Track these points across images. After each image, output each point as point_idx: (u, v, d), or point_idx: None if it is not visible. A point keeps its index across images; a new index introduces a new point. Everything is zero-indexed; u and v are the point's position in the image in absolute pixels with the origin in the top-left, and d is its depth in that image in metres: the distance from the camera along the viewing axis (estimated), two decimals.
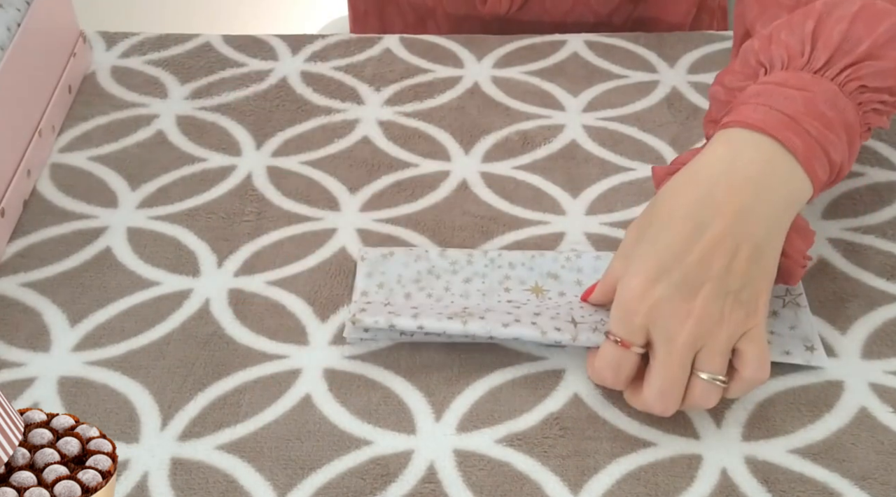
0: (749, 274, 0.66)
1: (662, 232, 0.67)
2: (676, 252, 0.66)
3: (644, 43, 1.01)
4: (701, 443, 0.68)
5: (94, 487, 0.54)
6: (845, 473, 0.66)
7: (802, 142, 0.68)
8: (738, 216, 0.66)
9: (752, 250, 0.66)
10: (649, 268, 0.66)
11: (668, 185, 0.70)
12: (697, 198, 0.67)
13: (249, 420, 0.70)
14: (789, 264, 0.71)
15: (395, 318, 0.72)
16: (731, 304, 0.66)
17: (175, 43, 1.03)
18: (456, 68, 0.99)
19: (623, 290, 0.67)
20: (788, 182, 0.68)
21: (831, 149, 0.69)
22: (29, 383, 0.73)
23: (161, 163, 0.90)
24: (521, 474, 0.67)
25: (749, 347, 0.67)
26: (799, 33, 0.72)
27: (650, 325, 0.66)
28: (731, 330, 0.66)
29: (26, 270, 0.81)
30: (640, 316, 0.66)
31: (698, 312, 0.65)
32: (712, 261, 0.66)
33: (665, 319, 0.66)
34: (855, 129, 0.70)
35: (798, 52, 0.71)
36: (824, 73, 0.70)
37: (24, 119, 0.86)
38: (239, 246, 0.82)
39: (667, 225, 0.67)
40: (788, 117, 0.69)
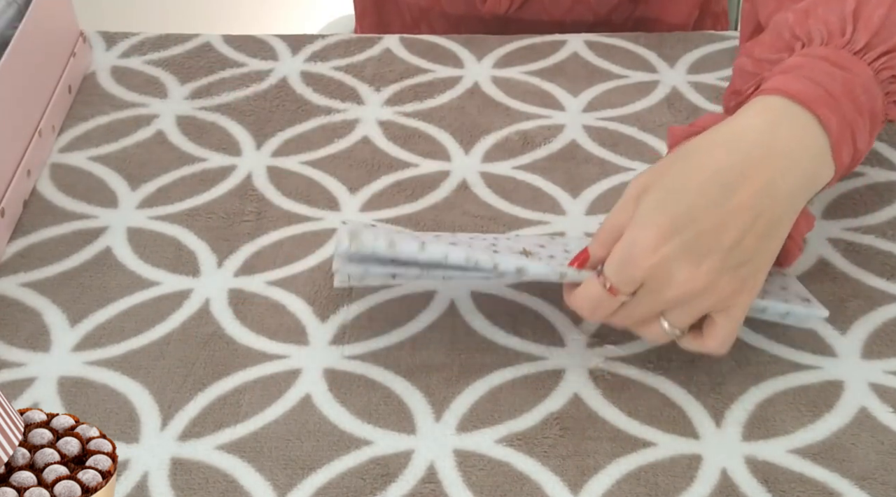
0: (756, 250, 0.66)
1: (685, 190, 0.65)
2: (695, 214, 0.64)
3: (644, 43, 1.01)
4: (701, 443, 0.68)
5: (94, 487, 0.54)
6: (845, 473, 0.66)
7: (837, 122, 0.67)
8: (765, 189, 0.65)
9: (766, 226, 0.65)
10: (664, 223, 0.64)
11: (696, 144, 0.67)
12: (730, 163, 0.65)
13: (249, 420, 0.70)
14: (790, 245, 0.71)
15: (396, 236, 0.69)
16: (730, 278, 0.65)
17: (175, 43, 1.03)
18: (456, 68, 0.99)
19: (632, 239, 0.65)
20: (816, 162, 0.67)
21: (859, 135, 0.68)
22: (29, 383, 0.73)
23: (161, 163, 0.90)
24: (521, 474, 0.67)
25: (724, 322, 0.66)
26: (839, 11, 0.70)
27: (648, 279, 0.65)
28: (718, 300, 0.65)
29: (26, 270, 0.81)
30: (643, 270, 0.64)
31: (699, 282, 0.64)
32: (727, 231, 0.64)
33: (665, 279, 0.65)
34: (878, 118, 0.70)
35: (839, 30, 0.70)
36: (863, 56, 0.69)
37: (24, 119, 0.86)
38: (239, 246, 0.82)
39: (691, 183, 0.65)
40: (829, 94, 0.67)
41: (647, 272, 0.64)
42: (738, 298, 0.66)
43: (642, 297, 0.66)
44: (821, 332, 0.75)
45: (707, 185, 0.65)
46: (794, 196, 0.67)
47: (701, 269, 0.64)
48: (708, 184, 0.65)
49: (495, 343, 0.75)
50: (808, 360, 0.73)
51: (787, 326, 0.75)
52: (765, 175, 0.65)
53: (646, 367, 0.73)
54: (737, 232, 0.65)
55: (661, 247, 0.64)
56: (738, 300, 0.66)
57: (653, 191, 0.66)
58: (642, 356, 0.74)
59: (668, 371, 0.73)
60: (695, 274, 0.64)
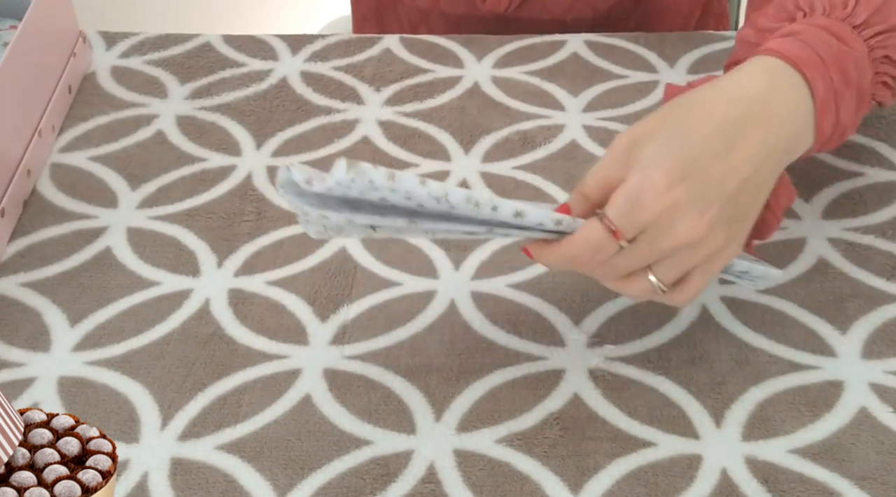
0: (747, 206, 0.66)
1: (690, 138, 0.65)
2: (702, 163, 0.64)
3: (644, 43, 1.01)
4: (701, 443, 0.68)
5: (94, 487, 0.54)
6: (845, 473, 0.66)
7: (824, 87, 0.68)
8: (761, 147, 0.66)
9: (758, 184, 0.66)
10: (674, 167, 0.63)
11: (696, 95, 0.67)
12: (732, 117, 0.66)
13: (249, 420, 0.70)
14: (769, 217, 0.71)
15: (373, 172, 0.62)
16: (722, 231, 0.65)
17: (175, 43, 1.03)
18: (456, 68, 0.99)
19: (641, 182, 0.63)
20: (799, 127, 0.68)
21: (843, 106, 0.69)
22: (29, 383, 0.73)
23: (161, 163, 0.90)
24: (521, 474, 0.67)
25: (700, 277, 0.66)
26: None
27: (652, 224, 0.63)
28: (708, 253, 0.65)
29: (26, 270, 0.81)
30: (651, 213, 0.63)
31: (699, 231, 0.64)
32: (729, 182, 0.65)
33: (669, 225, 0.64)
34: (865, 97, 0.70)
35: (841, 3, 0.71)
36: (861, 32, 0.70)
37: (24, 119, 0.86)
38: (239, 246, 0.82)
39: (695, 133, 0.65)
40: (820, 59, 0.68)
41: (655, 215, 0.63)
42: (724, 252, 0.66)
43: (641, 244, 0.64)
44: (821, 332, 0.75)
45: (712, 135, 0.65)
46: (780, 158, 0.68)
47: (704, 218, 0.64)
48: (712, 134, 0.65)
49: (495, 343, 0.75)
50: (808, 360, 0.73)
51: (787, 326, 0.75)
52: (761, 133, 0.66)
53: (646, 367, 0.73)
54: (736, 184, 0.65)
55: (671, 190, 0.63)
56: (722, 255, 0.66)
57: (655, 138, 0.65)
58: (642, 356, 0.74)
59: (668, 371, 0.73)
60: (698, 222, 0.64)
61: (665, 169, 0.63)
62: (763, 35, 0.74)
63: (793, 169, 0.87)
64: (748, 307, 0.77)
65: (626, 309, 0.77)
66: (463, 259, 0.81)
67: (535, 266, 0.80)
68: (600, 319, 0.76)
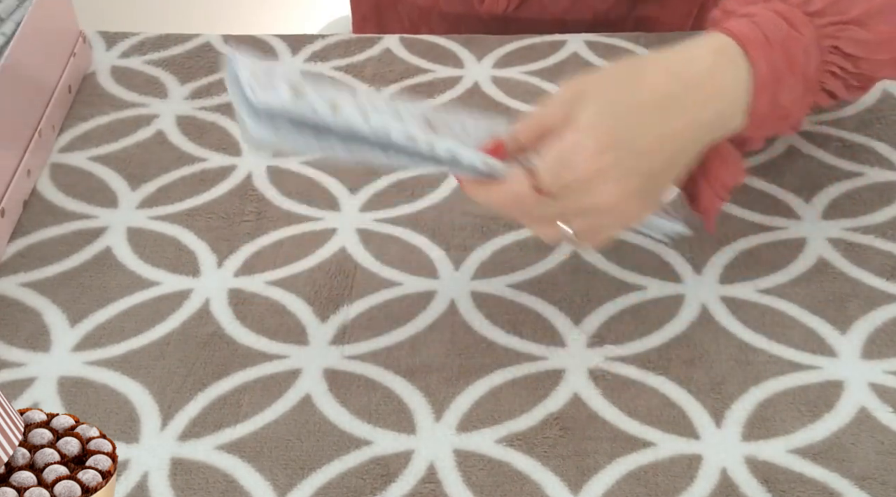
0: (664, 180, 0.69)
1: (627, 108, 0.67)
2: (634, 134, 0.67)
3: (644, 43, 1.01)
4: (701, 443, 0.68)
5: (94, 487, 0.54)
6: (845, 473, 0.66)
7: (766, 67, 0.70)
8: (692, 125, 0.68)
9: (678, 161, 0.69)
10: (606, 135, 0.66)
11: (642, 63, 0.71)
12: (671, 93, 0.68)
13: (249, 420, 0.70)
14: (710, 195, 0.73)
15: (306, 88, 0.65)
16: (639, 201, 0.68)
17: (175, 43, 1.03)
18: (456, 68, 0.99)
19: (573, 144, 0.66)
20: (734, 106, 0.70)
21: (784, 90, 0.71)
22: (29, 383, 0.73)
23: (161, 163, 0.90)
24: (521, 474, 0.67)
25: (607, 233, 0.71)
26: None
27: (577, 183, 0.66)
28: (622, 219, 0.69)
29: (26, 270, 0.81)
30: (577, 176, 0.66)
31: (616, 198, 0.67)
32: (655, 157, 0.68)
33: (591, 188, 0.67)
34: (812, 84, 0.72)
35: None
36: (813, 20, 0.72)
37: (24, 119, 0.86)
38: (239, 246, 0.82)
39: (633, 101, 0.67)
40: (766, 39, 0.70)
41: (580, 178, 0.66)
42: (634, 219, 0.71)
43: (561, 198, 0.67)
44: (821, 332, 0.75)
45: (648, 107, 0.67)
46: (705, 137, 0.70)
47: (622, 187, 0.67)
48: (649, 106, 0.67)
49: (495, 343, 0.75)
50: (808, 360, 0.73)
51: (787, 326, 0.75)
52: (694, 112, 0.68)
53: (646, 367, 0.73)
54: (662, 161, 0.68)
55: (600, 155, 0.66)
56: (632, 220, 0.71)
57: (594, 99, 0.67)
58: (642, 356, 0.74)
59: (668, 371, 0.73)
60: (616, 190, 0.67)
61: (598, 134, 0.66)
62: (727, 16, 0.75)
63: (793, 169, 0.87)
64: (748, 307, 0.77)
65: (626, 309, 0.77)
66: (463, 259, 0.81)
67: (535, 266, 0.80)
68: (600, 319, 0.76)
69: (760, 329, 0.75)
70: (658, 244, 0.81)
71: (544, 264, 0.80)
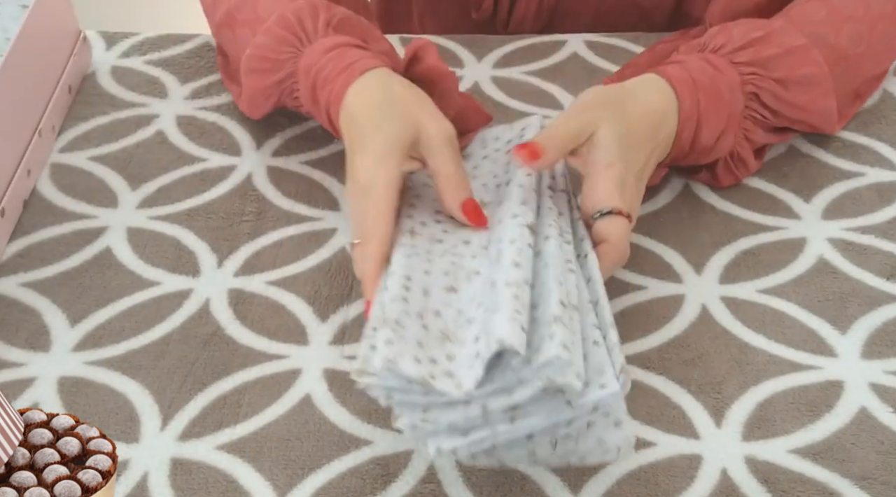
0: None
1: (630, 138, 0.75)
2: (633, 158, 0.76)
3: (644, 43, 1.01)
4: (701, 443, 0.68)
5: (94, 487, 0.54)
6: (845, 473, 0.66)
7: (689, 106, 0.79)
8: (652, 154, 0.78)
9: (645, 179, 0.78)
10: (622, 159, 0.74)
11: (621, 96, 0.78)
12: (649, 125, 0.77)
13: (249, 420, 0.70)
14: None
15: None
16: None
17: (175, 43, 1.03)
18: (456, 68, 0.99)
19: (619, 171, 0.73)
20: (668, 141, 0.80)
21: (704, 127, 0.80)
22: (29, 383, 0.73)
23: (161, 163, 0.90)
24: (521, 474, 0.67)
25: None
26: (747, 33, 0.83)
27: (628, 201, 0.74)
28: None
29: (26, 270, 0.81)
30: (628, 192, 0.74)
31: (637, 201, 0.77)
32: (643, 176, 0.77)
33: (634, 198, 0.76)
34: (734, 121, 0.81)
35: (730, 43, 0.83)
36: (737, 67, 0.82)
37: (24, 119, 0.86)
38: (239, 246, 0.82)
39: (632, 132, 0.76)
40: (692, 80, 0.80)
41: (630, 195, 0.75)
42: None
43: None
44: (821, 332, 0.75)
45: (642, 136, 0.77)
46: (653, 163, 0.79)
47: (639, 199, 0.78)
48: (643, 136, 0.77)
49: None
50: (808, 360, 0.73)
51: (787, 326, 0.75)
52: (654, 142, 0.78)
53: (646, 367, 0.73)
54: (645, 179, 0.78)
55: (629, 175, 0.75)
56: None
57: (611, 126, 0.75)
58: (642, 356, 0.74)
59: (668, 371, 0.73)
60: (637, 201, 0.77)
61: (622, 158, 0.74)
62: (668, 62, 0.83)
63: (793, 169, 0.87)
64: (748, 307, 0.77)
65: (626, 309, 0.77)
66: None
67: None
68: None
69: (760, 329, 0.75)
70: (658, 244, 0.81)
71: None
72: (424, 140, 0.75)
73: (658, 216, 0.83)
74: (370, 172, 0.74)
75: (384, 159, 0.74)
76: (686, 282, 0.79)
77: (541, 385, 0.59)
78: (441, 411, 0.61)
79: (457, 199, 0.74)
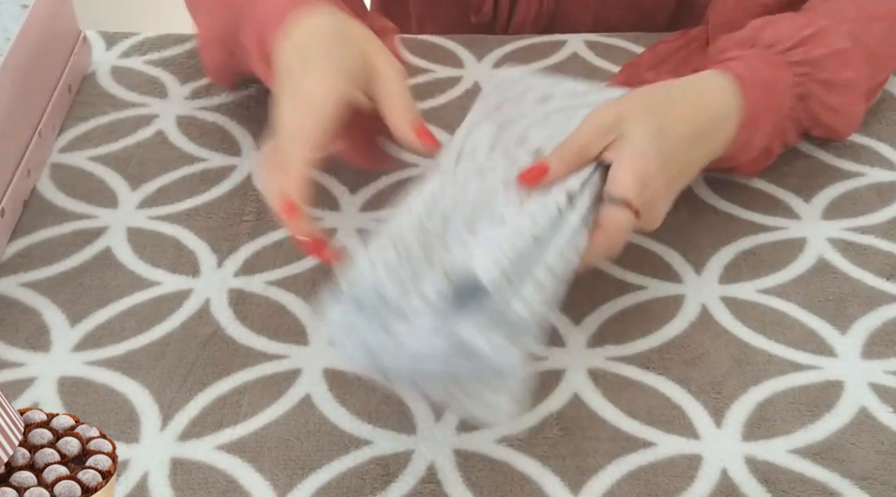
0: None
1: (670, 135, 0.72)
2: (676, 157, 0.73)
3: (644, 43, 1.01)
4: (701, 443, 0.68)
5: (94, 487, 0.54)
6: (845, 473, 0.66)
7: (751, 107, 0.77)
8: (708, 155, 0.76)
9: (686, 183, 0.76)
10: (660, 155, 0.71)
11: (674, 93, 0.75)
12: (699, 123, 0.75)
13: (249, 420, 0.70)
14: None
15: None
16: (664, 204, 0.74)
17: (175, 43, 1.03)
18: (456, 68, 0.99)
19: (643, 167, 0.70)
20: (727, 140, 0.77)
21: (759, 129, 0.79)
22: (29, 383, 0.73)
23: (161, 163, 0.90)
24: (521, 474, 0.67)
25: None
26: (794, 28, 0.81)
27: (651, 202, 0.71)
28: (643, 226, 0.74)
29: (26, 270, 0.81)
30: (653, 193, 0.71)
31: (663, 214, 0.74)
32: (684, 179, 0.75)
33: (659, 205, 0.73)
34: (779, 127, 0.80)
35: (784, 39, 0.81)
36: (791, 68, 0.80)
37: (24, 119, 0.86)
38: (239, 246, 0.82)
39: (672, 131, 0.73)
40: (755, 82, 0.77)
41: (655, 196, 0.71)
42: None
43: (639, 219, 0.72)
44: (821, 332, 0.75)
45: (684, 136, 0.74)
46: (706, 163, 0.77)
47: (668, 203, 0.74)
48: (685, 136, 0.74)
49: None
50: (808, 360, 0.73)
51: (787, 326, 0.75)
52: (710, 142, 0.76)
53: (646, 367, 0.73)
54: (684, 182, 0.76)
55: (662, 177, 0.72)
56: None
57: (641, 123, 0.71)
58: (642, 356, 0.74)
59: (668, 371, 0.73)
60: (665, 206, 0.74)
61: (656, 156, 0.71)
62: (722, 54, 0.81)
63: (793, 169, 0.87)
64: (748, 307, 0.77)
65: (626, 309, 0.77)
66: None
67: None
68: (600, 319, 0.76)
69: (760, 329, 0.75)
70: (658, 244, 0.81)
71: None
72: (375, 71, 0.73)
73: None
74: (319, 86, 0.72)
75: (337, 80, 0.72)
76: (686, 282, 0.79)
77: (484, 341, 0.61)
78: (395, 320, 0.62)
79: (407, 120, 0.73)
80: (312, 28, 0.76)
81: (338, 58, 0.74)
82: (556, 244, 0.67)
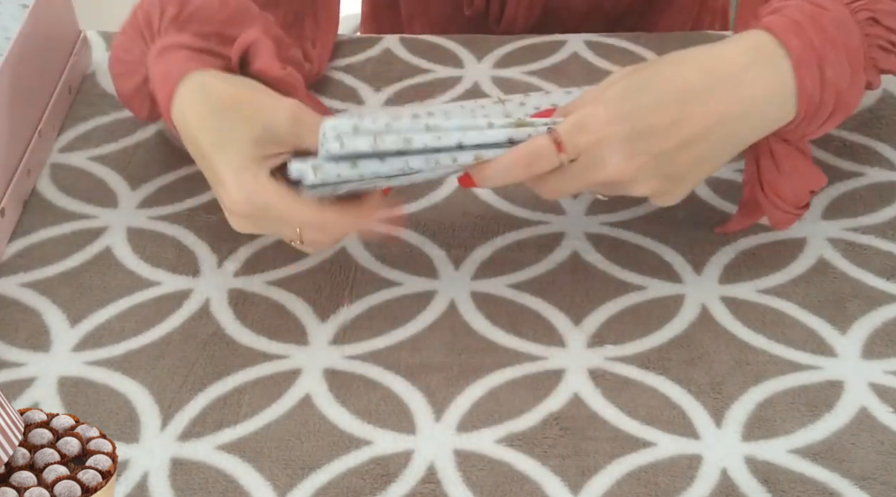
0: (686, 168, 0.71)
1: (647, 90, 0.70)
2: (648, 114, 0.70)
3: (644, 43, 1.01)
4: (701, 443, 0.68)
5: (94, 487, 0.54)
6: (845, 473, 0.66)
7: (800, 45, 0.71)
8: (717, 121, 0.71)
9: (706, 152, 0.71)
10: (618, 108, 0.69)
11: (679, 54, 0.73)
12: (698, 87, 0.71)
13: (249, 420, 0.70)
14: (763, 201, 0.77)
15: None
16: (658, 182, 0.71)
17: None
18: (456, 68, 0.99)
19: (590, 111, 0.70)
20: (775, 105, 0.72)
21: (827, 63, 0.71)
22: (29, 383, 0.73)
23: (161, 162, 0.90)
24: (521, 474, 0.67)
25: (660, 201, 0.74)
26: None
27: (584, 153, 0.69)
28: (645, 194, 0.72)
29: (26, 270, 0.81)
30: (589, 139, 0.69)
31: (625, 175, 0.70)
32: (669, 138, 0.70)
33: (598, 160, 0.70)
34: (858, 57, 0.72)
35: None
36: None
37: (24, 119, 0.86)
38: (239, 246, 0.82)
39: (654, 86, 0.70)
40: (793, 22, 0.71)
41: (588, 143, 0.69)
42: (664, 197, 0.73)
43: (574, 169, 0.70)
44: (821, 332, 0.75)
45: (669, 95, 0.70)
46: (741, 138, 0.72)
47: (630, 163, 0.70)
48: (671, 94, 0.70)
49: (495, 343, 0.75)
50: (808, 360, 0.73)
51: (787, 326, 0.75)
52: (720, 109, 0.70)
53: (646, 367, 0.73)
54: (675, 145, 0.70)
55: (608, 127, 0.69)
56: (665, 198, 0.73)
57: (623, 80, 0.71)
58: (642, 356, 0.74)
59: (668, 371, 0.73)
60: (624, 166, 0.70)
61: (611, 106, 0.69)
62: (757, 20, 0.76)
63: None
64: (748, 307, 0.77)
65: (626, 309, 0.77)
66: (463, 259, 0.81)
67: (535, 266, 0.80)
68: (600, 319, 0.76)
69: (760, 329, 0.75)
70: (658, 244, 0.81)
71: (544, 264, 0.80)
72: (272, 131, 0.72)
73: (658, 216, 0.83)
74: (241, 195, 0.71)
75: (245, 179, 0.71)
76: (686, 282, 0.79)
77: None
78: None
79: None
80: (190, 119, 0.74)
81: (230, 151, 0.72)
82: (455, 139, 0.70)
